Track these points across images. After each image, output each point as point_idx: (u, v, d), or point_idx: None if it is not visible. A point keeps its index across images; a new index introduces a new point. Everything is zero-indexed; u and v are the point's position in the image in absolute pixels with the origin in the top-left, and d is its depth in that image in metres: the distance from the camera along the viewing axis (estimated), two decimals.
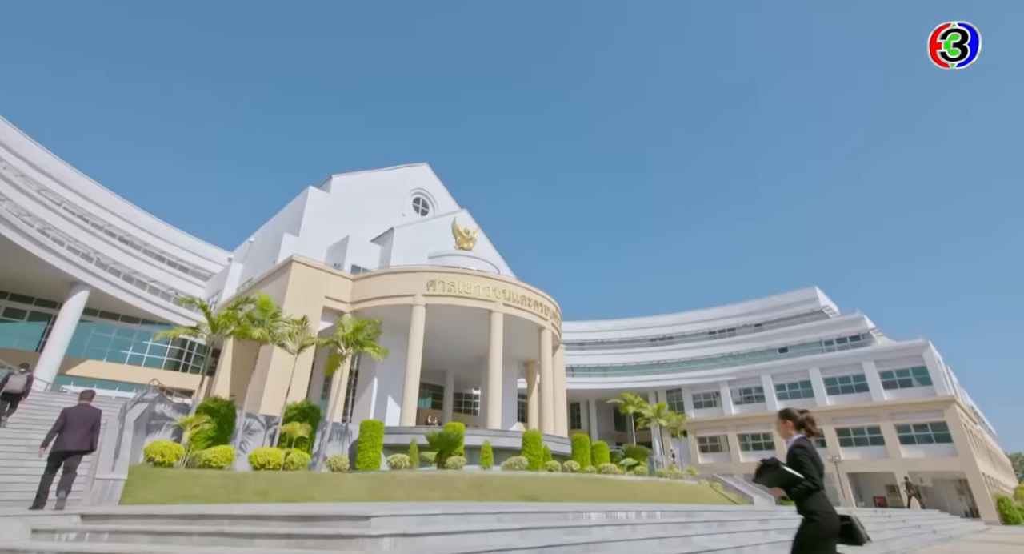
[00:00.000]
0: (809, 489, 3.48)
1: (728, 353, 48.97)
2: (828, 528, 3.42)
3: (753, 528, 10.20)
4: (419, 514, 5.24)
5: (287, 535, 4.46)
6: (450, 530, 5.01)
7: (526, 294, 30.21)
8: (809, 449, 3.65)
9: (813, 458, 3.59)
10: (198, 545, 4.58)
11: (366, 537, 4.21)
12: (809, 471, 3.51)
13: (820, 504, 3.48)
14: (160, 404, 18.56)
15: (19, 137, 30.41)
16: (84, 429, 8.03)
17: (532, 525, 5.91)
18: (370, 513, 4.64)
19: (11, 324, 28.60)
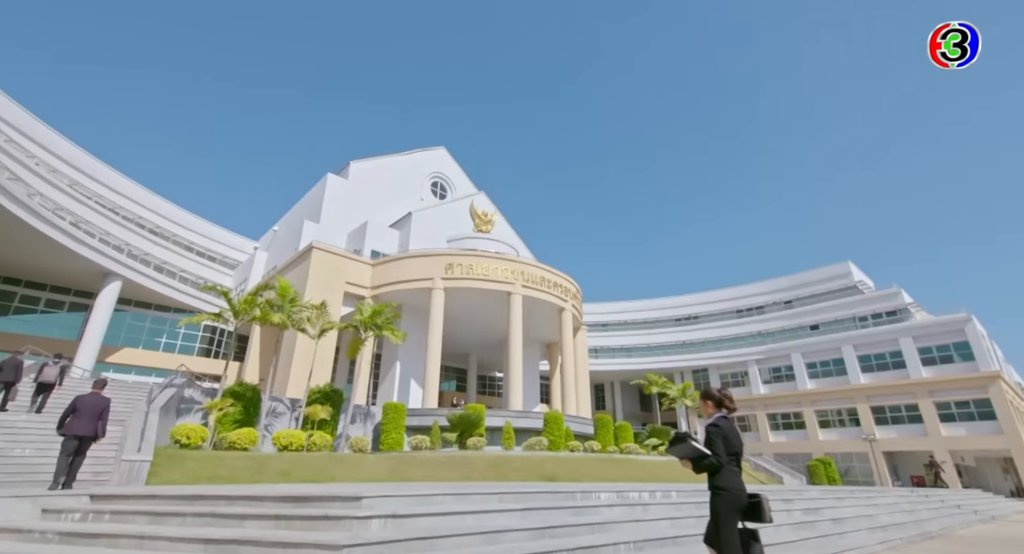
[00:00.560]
0: (713, 466, 3.62)
1: (756, 331, 47.79)
2: (732, 503, 3.56)
3: (776, 508, 9.84)
4: (415, 495, 5.13)
5: (276, 516, 4.41)
6: (445, 511, 4.88)
7: (545, 275, 29.89)
8: (723, 428, 3.75)
9: (725, 437, 3.69)
10: (191, 526, 4.58)
11: (353, 518, 4.11)
12: (716, 449, 3.64)
13: (726, 481, 3.61)
14: (189, 389, 19.14)
15: (50, 133, 31.34)
16: (92, 415, 8.44)
17: (536, 505, 5.75)
18: (361, 494, 4.55)
19: (53, 315, 29.91)
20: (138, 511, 4.96)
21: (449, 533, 4.27)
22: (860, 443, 37.91)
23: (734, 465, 3.71)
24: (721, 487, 3.63)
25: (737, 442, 3.76)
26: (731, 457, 3.70)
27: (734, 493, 3.59)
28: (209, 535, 3.98)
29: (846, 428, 39.86)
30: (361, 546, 3.57)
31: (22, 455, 10.34)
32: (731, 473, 3.65)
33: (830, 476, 32.98)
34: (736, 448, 3.74)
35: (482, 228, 34.71)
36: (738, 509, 3.60)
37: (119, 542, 4.22)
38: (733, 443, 3.72)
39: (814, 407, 41.49)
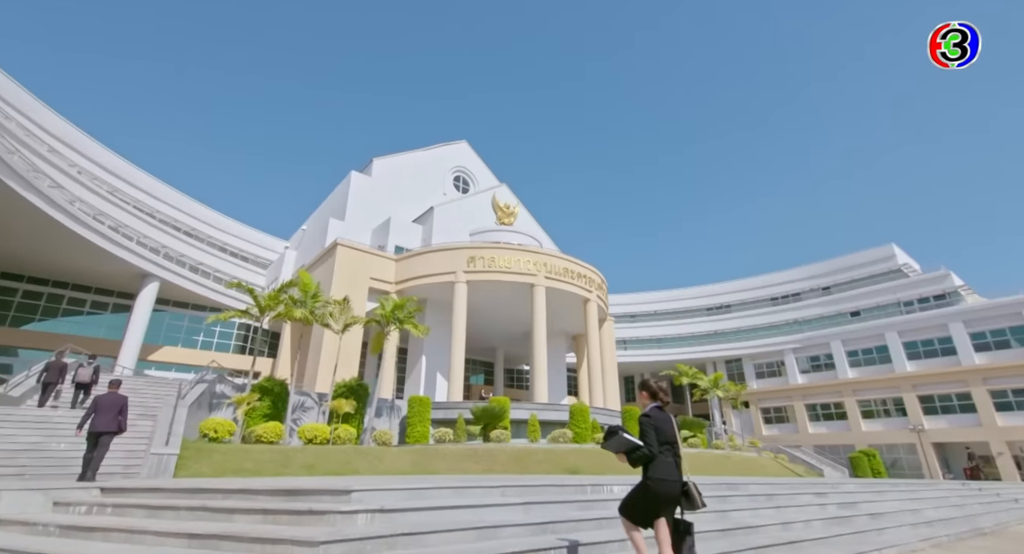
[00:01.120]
0: (645, 456, 3.68)
1: (792, 319, 46.07)
2: (658, 493, 3.61)
3: (808, 502, 9.34)
4: (410, 488, 4.97)
5: (263, 511, 4.32)
6: (440, 505, 4.70)
7: (569, 266, 29.47)
8: (654, 418, 3.80)
9: (656, 427, 3.74)
10: (184, 519, 4.56)
11: (337, 513, 3.97)
12: (648, 439, 3.70)
13: (655, 471, 3.67)
14: (220, 384, 19.70)
15: (92, 144, 32.71)
16: (112, 413, 8.96)
17: (540, 499, 5.51)
18: (351, 488, 4.42)
19: (98, 316, 31.37)
20: (138, 504, 4.99)
21: (439, 528, 4.08)
22: (907, 434, 36.13)
23: (669, 455, 3.74)
24: (651, 477, 3.68)
25: (670, 432, 3.78)
26: (665, 446, 3.73)
27: (664, 484, 3.64)
28: (193, 530, 3.93)
29: (892, 418, 38.05)
30: (339, 542, 3.42)
31: (57, 449, 10.76)
32: (665, 464, 3.69)
33: (875, 468, 31.55)
34: (669, 438, 3.76)
35: (504, 221, 34.49)
36: (666, 500, 3.65)
37: (111, 536, 4.23)
38: (666, 433, 3.75)
39: (856, 397, 39.74)
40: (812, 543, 6.63)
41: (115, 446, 11.67)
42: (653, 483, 3.66)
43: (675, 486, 3.67)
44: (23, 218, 22.39)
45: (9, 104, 27.09)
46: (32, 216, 22.16)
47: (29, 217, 22.26)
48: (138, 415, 13.87)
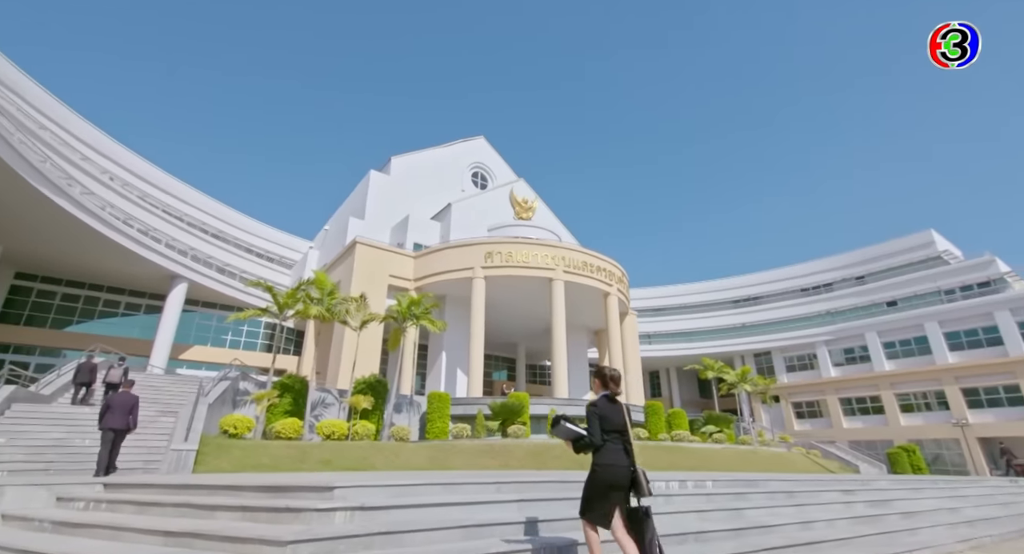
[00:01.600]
0: (590, 445, 3.74)
1: (824, 310, 44.40)
2: (605, 480, 3.64)
3: (833, 500, 8.86)
4: (399, 484, 4.82)
5: (243, 508, 4.24)
6: (429, 503, 4.53)
7: (588, 260, 29.04)
8: (600, 407, 3.80)
9: (602, 416, 3.76)
10: (169, 516, 4.53)
11: (313, 511, 3.84)
12: (592, 427, 3.76)
13: (601, 458, 3.70)
14: (243, 381, 20.12)
15: (123, 151, 33.81)
16: (123, 411, 9.39)
17: (537, 496, 5.29)
18: (333, 484, 4.28)
19: (132, 317, 32.51)
20: (130, 501, 4.99)
21: (423, 527, 3.91)
22: (950, 428, 34.45)
23: (617, 443, 3.76)
24: (598, 464, 3.70)
25: (618, 421, 3.80)
26: (612, 434, 3.76)
27: (611, 470, 3.66)
28: (170, 527, 3.87)
29: (933, 412, 36.34)
30: (308, 542, 3.28)
31: (82, 445, 11.08)
32: (611, 451, 3.72)
33: (915, 464, 30.15)
34: (617, 426, 3.78)
35: (522, 215, 34.23)
36: (615, 486, 3.64)
37: (97, 533, 4.22)
38: (613, 421, 3.77)
39: (894, 390, 38.10)
40: (833, 544, 6.23)
41: (137, 442, 12.01)
42: (600, 469, 3.69)
43: (622, 471, 3.67)
44: (54, 222, 23.30)
45: (44, 115, 28.20)
46: (62, 220, 23.03)
47: (60, 222, 23.14)
48: (160, 412, 14.24)
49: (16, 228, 23.80)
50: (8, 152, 18.84)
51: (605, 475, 3.66)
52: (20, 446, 10.45)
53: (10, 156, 18.88)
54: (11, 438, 10.64)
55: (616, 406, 3.86)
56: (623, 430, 3.80)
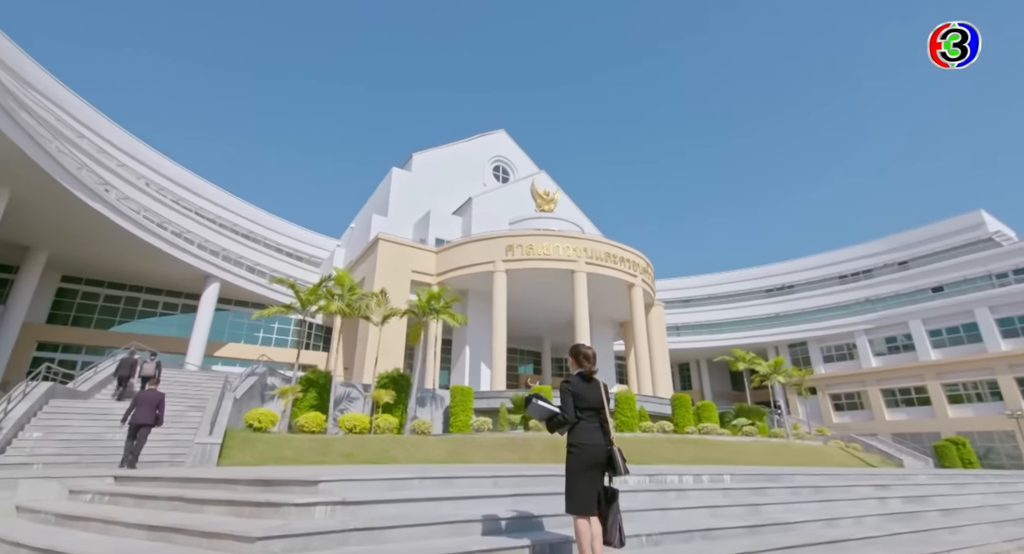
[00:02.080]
0: (562, 422, 3.65)
1: (864, 298, 42.47)
2: (583, 459, 3.56)
3: (865, 496, 8.35)
4: (390, 478, 4.72)
5: (230, 502, 4.21)
6: (417, 497, 4.40)
7: (611, 250, 28.53)
8: (573, 384, 3.74)
9: (575, 393, 3.69)
10: (162, 509, 4.57)
11: (291, 505, 3.77)
12: (565, 405, 3.67)
13: (576, 437, 3.62)
14: (271, 377, 20.61)
15: (156, 155, 35.02)
16: (150, 407, 9.83)
17: (534, 491, 5.11)
18: (318, 478, 4.21)
19: (169, 316, 33.80)
20: (131, 494, 5.07)
21: (407, 522, 3.78)
22: (1004, 420, 32.48)
23: (593, 421, 3.68)
24: (572, 443, 3.64)
25: (593, 399, 3.70)
26: (587, 412, 3.67)
27: (585, 449, 3.58)
28: (153, 522, 3.86)
29: (984, 403, 34.37)
30: (280, 538, 3.19)
31: (113, 439, 11.47)
32: (586, 429, 3.65)
33: (965, 458, 28.60)
34: (592, 403, 3.70)
35: (544, 207, 33.88)
36: (593, 465, 3.57)
37: (90, 526, 4.28)
38: (587, 399, 3.69)
39: (940, 380, 36.18)
40: (859, 543, 5.82)
41: (165, 436, 12.39)
42: (575, 449, 3.62)
43: (598, 450, 3.61)
44: (91, 227, 24.40)
45: (82, 123, 29.40)
46: (98, 224, 24.09)
47: (96, 226, 24.21)
48: (189, 407, 14.68)
49: (58, 233, 24.98)
50: (46, 160, 19.72)
51: (582, 454, 3.59)
52: (55, 440, 10.91)
53: (48, 164, 19.75)
54: (47, 432, 11.11)
55: (592, 384, 3.79)
56: (599, 408, 3.72)
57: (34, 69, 26.61)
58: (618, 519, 3.61)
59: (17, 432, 10.83)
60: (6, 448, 10.21)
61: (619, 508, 3.66)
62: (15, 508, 5.44)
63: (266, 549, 3.14)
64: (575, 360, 3.94)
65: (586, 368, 3.86)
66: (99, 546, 3.49)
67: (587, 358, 3.89)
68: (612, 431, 3.78)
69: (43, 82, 27.01)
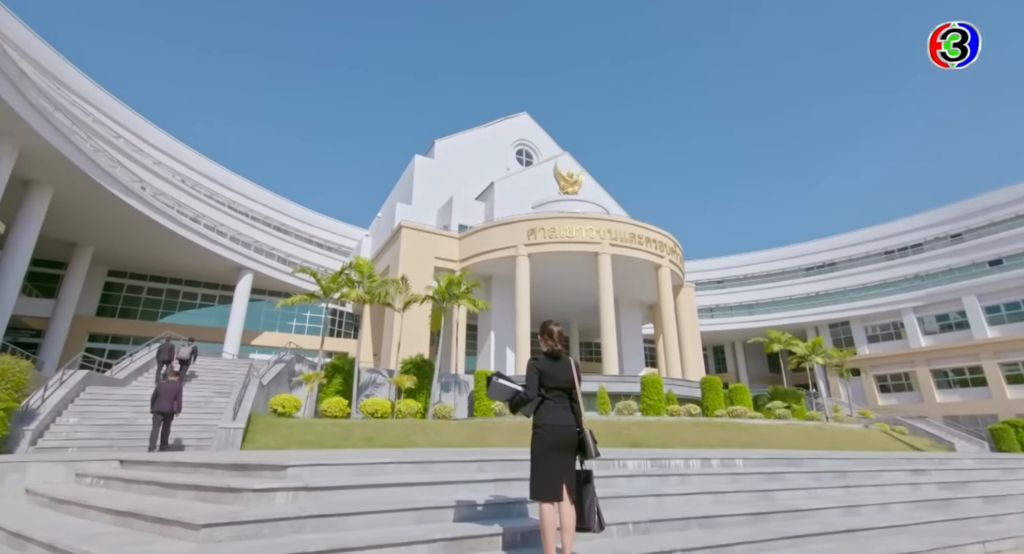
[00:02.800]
0: (524, 401, 3.47)
1: (913, 274, 40.06)
2: (548, 441, 3.36)
3: (896, 481, 7.79)
4: (362, 463, 4.61)
5: (196, 486, 4.18)
6: (388, 483, 4.27)
7: (637, 231, 27.76)
8: (540, 361, 3.57)
9: (541, 372, 3.51)
10: (141, 494, 4.62)
11: (250, 491, 3.68)
12: (529, 382, 3.49)
13: (541, 418, 3.43)
14: (299, 364, 21.15)
15: (190, 152, 36.15)
16: (169, 398, 10.66)
17: (519, 476, 4.89)
18: (287, 462, 4.12)
19: (208, 307, 35.21)
20: (122, 477, 5.16)
21: (367, 509, 3.64)
22: None
23: (561, 401, 3.50)
24: (537, 424, 3.46)
25: (562, 377, 3.50)
26: (554, 392, 3.49)
27: (551, 430, 3.38)
28: (120, 507, 3.87)
29: None
30: (226, 525, 3.10)
31: (145, 424, 11.95)
32: (552, 409, 3.46)
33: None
34: (560, 383, 3.50)
35: (568, 190, 33.20)
36: (559, 447, 3.36)
37: (71, 510, 4.36)
38: (555, 377, 3.50)
39: (998, 359, 33.89)
40: (880, 532, 5.37)
41: (193, 420, 12.86)
42: (540, 430, 3.42)
43: (566, 431, 3.40)
44: (129, 223, 25.48)
45: (119, 123, 30.53)
46: (135, 220, 25.15)
47: (133, 222, 25.29)
48: (215, 393, 15.20)
49: (101, 230, 26.22)
50: (82, 159, 20.58)
51: (547, 435, 3.37)
52: (89, 425, 11.45)
53: (84, 163, 20.61)
54: (83, 418, 11.67)
55: (560, 362, 3.59)
56: (568, 388, 3.53)
57: (72, 72, 27.67)
58: (595, 502, 3.42)
59: (55, 417, 11.41)
60: (44, 432, 10.78)
61: (595, 491, 3.46)
62: (25, 491, 5.63)
63: (211, 536, 3.06)
64: (542, 337, 3.75)
65: (550, 346, 3.66)
66: (64, 531, 3.52)
67: (551, 336, 3.68)
68: (582, 412, 3.57)
69: (80, 84, 28.09)
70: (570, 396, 3.54)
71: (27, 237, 20.20)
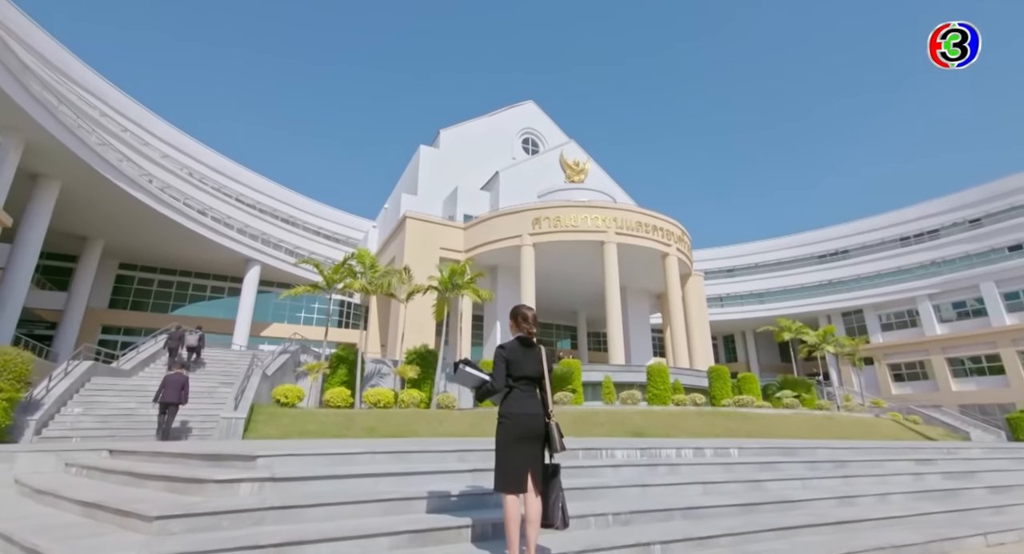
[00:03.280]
0: (490, 391, 3.42)
1: (929, 260, 39.15)
2: (513, 431, 3.27)
3: (899, 471, 7.57)
4: (337, 453, 4.53)
5: (166, 477, 4.14)
6: (360, 473, 4.18)
7: (643, 219, 27.40)
8: (507, 349, 3.43)
9: (509, 360, 3.39)
10: (119, 484, 4.60)
11: (213, 482, 3.62)
12: (496, 372, 3.40)
13: (507, 407, 3.35)
14: (304, 354, 21.29)
15: (198, 146, 36.29)
16: (176, 389, 10.99)
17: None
18: (258, 452, 4.06)
19: (218, 299, 35.58)
20: (102, 468, 5.15)
21: (332, 500, 3.56)
22: None
23: (529, 390, 3.37)
24: (503, 414, 3.34)
25: (531, 366, 3.35)
26: (522, 381, 3.35)
27: (515, 419, 3.27)
28: (87, 497, 3.83)
29: None
30: (180, 517, 3.04)
31: (147, 414, 12.09)
32: (520, 399, 3.33)
33: None
34: (528, 372, 3.35)
35: (574, 178, 32.83)
36: (523, 437, 3.25)
37: (45, 499, 4.36)
38: (523, 366, 3.35)
39: (1016, 347, 33.11)
40: (875, 523, 5.20)
41: (196, 411, 12.98)
42: (506, 419, 3.29)
43: (533, 420, 3.27)
44: (135, 216, 25.72)
45: (126, 116, 30.69)
46: (140, 213, 25.39)
47: (139, 215, 25.51)
48: (220, 383, 15.33)
49: (109, 223, 26.51)
50: (88, 153, 20.72)
51: (510, 425, 3.26)
52: (93, 415, 11.60)
53: (89, 156, 20.76)
54: (87, 408, 11.83)
55: (531, 350, 3.43)
56: (537, 377, 3.39)
57: (78, 66, 27.75)
58: (560, 497, 3.28)
59: (60, 407, 11.56)
60: (48, 422, 10.93)
61: (561, 485, 3.32)
62: (14, 480, 5.67)
63: (164, 529, 3.00)
64: (513, 322, 3.60)
65: (524, 330, 3.51)
66: (26, 522, 3.50)
67: (525, 319, 3.54)
68: (550, 403, 3.41)
69: (86, 78, 28.19)
70: (540, 385, 3.42)
71: (36, 231, 20.46)
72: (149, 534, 2.98)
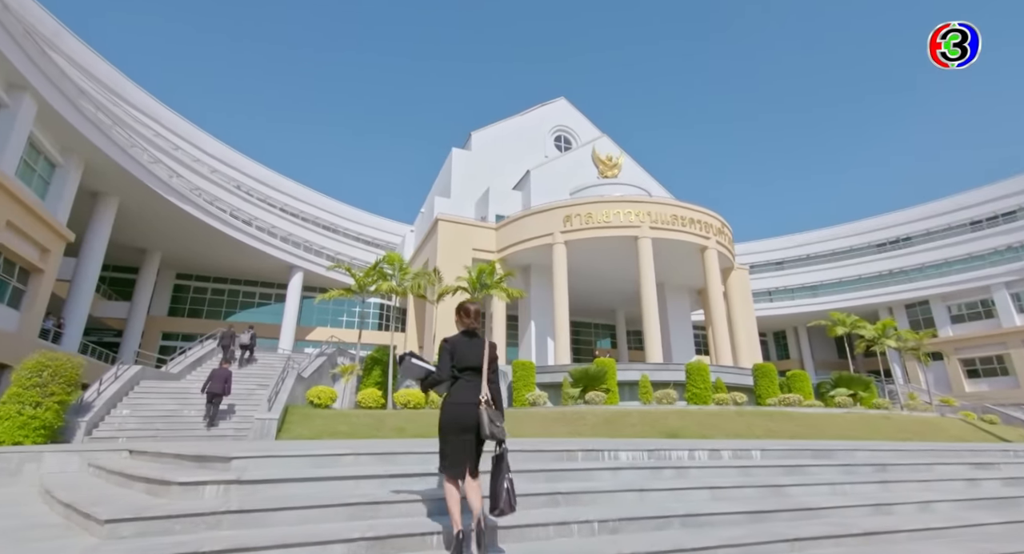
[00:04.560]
0: (435, 382, 3.54)
1: (1006, 245, 35.84)
2: (448, 419, 3.41)
3: (950, 476, 6.80)
4: (315, 455, 4.45)
5: (145, 479, 4.18)
6: (334, 476, 4.07)
7: (679, 212, 26.44)
8: (451, 342, 3.55)
9: (453, 352, 3.51)
10: (111, 484, 4.72)
11: (176, 484, 3.60)
12: (441, 363, 3.51)
13: (449, 396, 3.47)
14: (340, 357, 21.84)
15: (245, 160, 38.11)
16: (221, 381, 12.28)
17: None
18: (232, 454, 4.04)
19: (266, 305, 37.21)
20: (106, 468, 5.31)
21: (295, 504, 3.47)
22: None
23: (475, 379, 3.45)
24: (443, 402, 3.51)
25: (473, 357, 3.48)
26: (467, 371, 3.47)
27: (455, 408, 3.39)
28: (69, 499, 3.92)
29: None
30: (130, 521, 3.02)
31: (188, 415, 12.68)
32: (462, 388, 3.44)
33: None
34: (471, 362, 3.48)
35: (607, 173, 32.16)
36: (460, 425, 3.35)
37: (47, 499, 4.50)
38: (466, 357, 3.48)
39: None
40: (910, 535, 4.64)
41: (236, 411, 13.49)
42: (444, 406, 3.46)
43: (467, 408, 3.34)
44: (185, 229, 27.24)
45: (176, 134, 32.56)
46: (190, 226, 26.85)
47: (189, 227, 26.99)
48: (258, 385, 15.89)
49: (164, 236, 28.23)
50: (141, 171, 22.11)
51: (448, 413, 3.41)
52: (138, 417, 12.27)
53: (141, 173, 22.14)
54: (133, 410, 12.52)
55: (474, 341, 3.57)
56: (477, 367, 3.49)
57: (132, 88, 29.55)
58: (504, 480, 3.27)
59: (110, 409, 12.30)
60: (99, 423, 11.63)
61: (508, 469, 3.28)
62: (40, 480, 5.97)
63: (114, 532, 3.00)
64: (456, 316, 3.73)
65: (466, 324, 3.65)
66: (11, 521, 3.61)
67: (467, 314, 3.67)
68: (486, 391, 3.41)
69: (140, 99, 29.99)
70: (487, 375, 3.50)
71: (98, 245, 22.02)
72: (100, 537, 3.00)
